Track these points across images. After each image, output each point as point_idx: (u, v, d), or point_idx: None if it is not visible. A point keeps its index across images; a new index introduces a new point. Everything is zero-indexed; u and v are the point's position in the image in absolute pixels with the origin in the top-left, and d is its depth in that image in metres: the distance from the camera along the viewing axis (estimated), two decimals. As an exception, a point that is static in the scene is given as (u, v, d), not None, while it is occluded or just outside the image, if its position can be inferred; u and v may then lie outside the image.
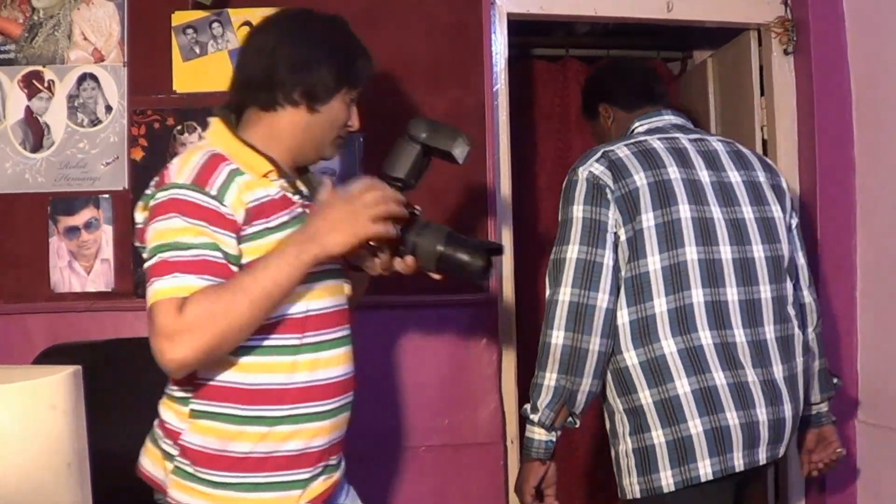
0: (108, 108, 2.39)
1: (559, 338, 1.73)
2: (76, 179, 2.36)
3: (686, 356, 1.71)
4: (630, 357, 1.74)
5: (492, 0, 2.54)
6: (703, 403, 1.70)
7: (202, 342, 1.32)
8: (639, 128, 1.94)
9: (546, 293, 1.80)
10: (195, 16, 2.41)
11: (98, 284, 2.36)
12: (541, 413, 1.75)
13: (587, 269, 1.73)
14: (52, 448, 0.97)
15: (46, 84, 2.38)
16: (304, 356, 1.47)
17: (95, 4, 2.40)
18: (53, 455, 0.97)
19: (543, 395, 1.75)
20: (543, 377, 1.75)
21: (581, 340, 1.72)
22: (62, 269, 2.35)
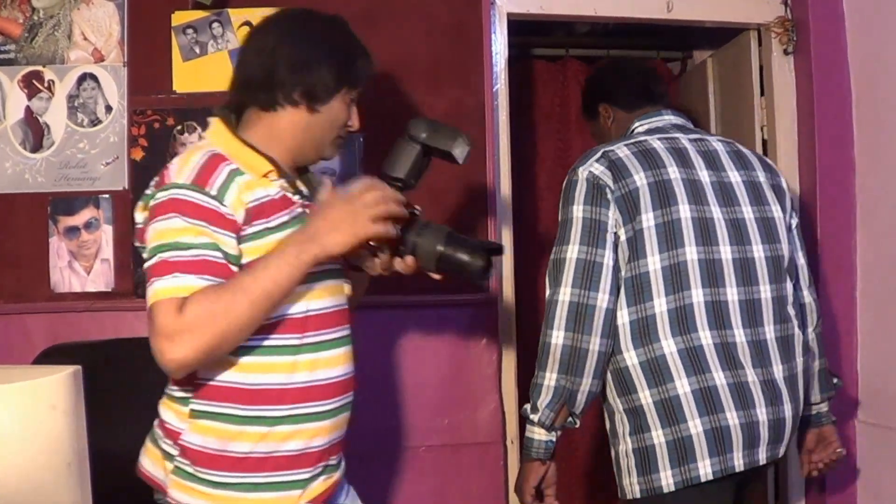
0: (108, 108, 2.38)
1: (559, 338, 1.73)
2: (76, 179, 2.36)
3: (686, 356, 1.71)
4: (630, 357, 1.74)
5: (491, 0, 2.54)
6: (703, 403, 1.70)
7: (202, 342, 1.32)
8: (639, 128, 1.94)
9: (546, 293, 1.80)
10: (195, 16, 2.41)
11: (98, 284, 2.36)
12: (541, 413, 1.75)
13: (587, 269, 1.73)
14: (52, 448, 0.97)
15: (46, 84, 2.38)
16: (305, 356, 1.47)
17: (95, 4, 2.39)
18: (53, 455, 0.97)
19: (543, 395, 1.75)
20: (543, 377, 1.75)
21: (581, 340, 1.72)
22: (62, 269, 2.35)
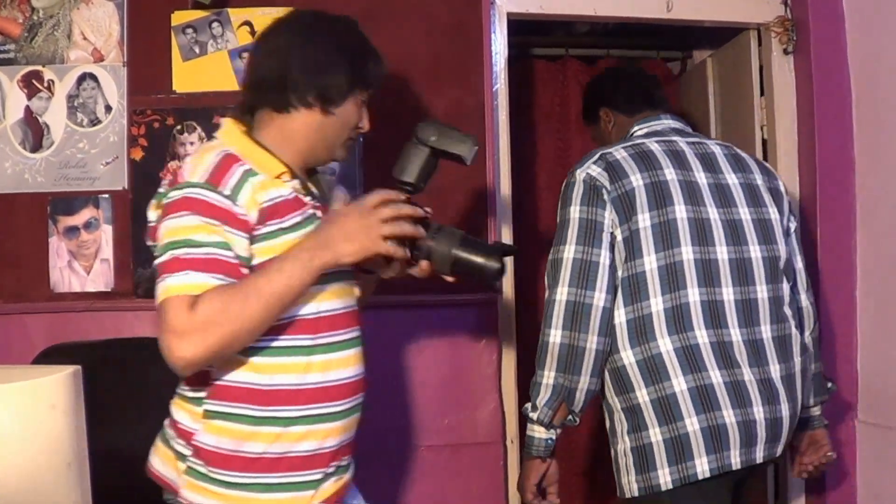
0: (108, 108, 2.38)
1: (557, 336, 1.75)
2: (76, 179, 2.36)
3: (682, 355, 1.72)
4: (627, 356, 1.75)
5: (491, 0, 2.54)
6: (700, 401, 1.71)
7: (212, 341, 1.32)
8: (638, 131, 1.96)
9: (545, 293, 1.81)
10: (195, 15, 2.41)
11: (98, 284, 2.36)
12: (539, 411, 1.77)
13: (583, 269, 1.75)
14: (52, 448, 0.97)
15: (46, 84, 2.38)
16: (318, 357, 1.47)
17: (95, 4, 2.39)
18: (53, 455, 0.97)
19: (542, 394, 1.77)
20: (542, 376, 1.77)
21: (578, 339, 1.74)
22: (62, 269, 2.35)
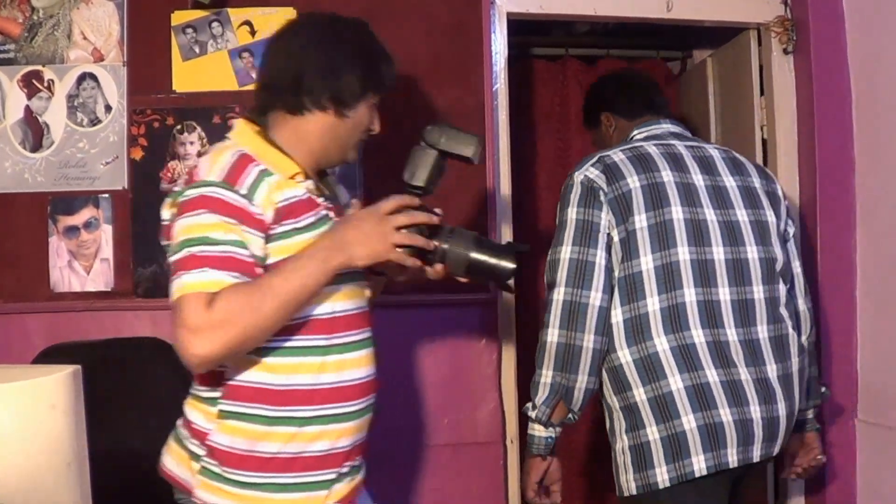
0: (108, 108, 2.38)
1: (554, 336, 1.78)
2: (76, 179, 2.36)
3: (678, 353, 1.74)
4: (624, 355, 1.77)
5: (491, 0, 2.54)
6: (696, 399, 1.72)
7: (228, 338, 1.32)
8: (637, 135, 1.98)
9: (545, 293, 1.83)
10: (194, 15, 2.41)
11: (98, 284, 2.36)
12: (537, 409, 1.79)
13: (580, 269, 1.77)
14: (52, 448, 0.97)
15: (46, 84, 2.38)
16: (332, 357, 1.48)
17: (95, 4, 2.39)
18: (53, 455, 0.97)
19: (540, 392, 1.80)
20: (540, 375, 1.80)
21: (575, 338, 1.76)
22: (62, 269, 2.35)
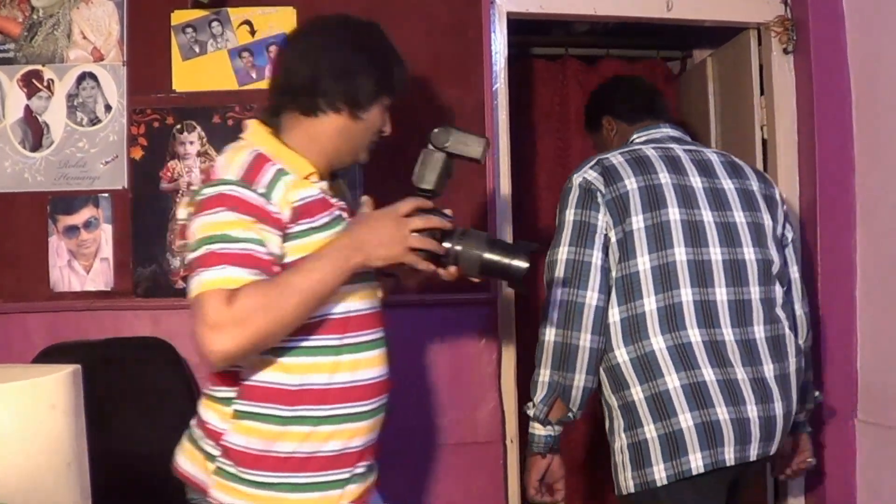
0: (108, 108, 2.38)
1: (551, 335, 1.81)
2: (75, 178, 2.36)
3: (675, 352, 1.75)
4: (621, 354, 1.79)
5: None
6: (693, 398, 1.74)
7: (248, 335, 1.33)
8: (637, 139, 2.01)
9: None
10: (194, 15, 2.40)
11: (97, 283, 2.35)
12: (535, 408, 1.83)
13: (576, 269, 1.80)
14: (52, 448, 0.97)
15: (46, 83, 2.38)
16: (346, 357, 1.49)
17: (95, 3, 2.39)
18: (53, 455, 0.97)
19: (539, 391, 1.82)
20: (539, 374, 1.83)
21: (571, 337, 1.78)
22: (61, 269, 2.35)
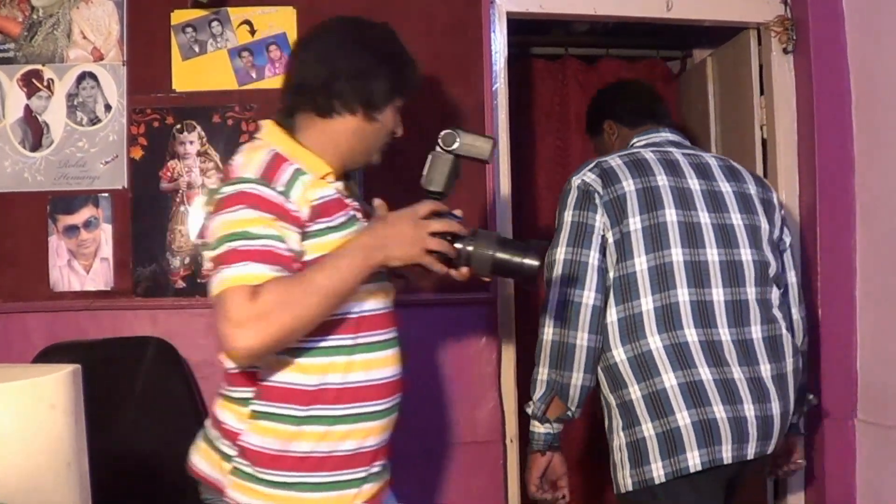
0: (108, 107, 2.38)
1: (549, 334, 1.83)
2: (75, 178, 2.36)
3: (672, 352, 1.77)
4: (619, 353, 1.81)
5: (491, -1, 2.53)
6: (690, 396, 1.75)
7: (272, 331, 1.33)
8: (637, 143, 2.02)
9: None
10: (194, 14, 2.40)
11: (97, 283, 2.35)
12: (534, 406, 1.85)
13: (573, 269, 1.82)
14: (52, 448, 0.97)
15: (46, 83, 2.38)
16: (359, 356, 1.49)
17: (95, 3, 2.39)
18: (53, 455, 0.97)
19: (537, 389, 1.85)
20: (537, 372, 1.85)
21: (568, 336, 1.80)
22: (61, 268, 2.35)
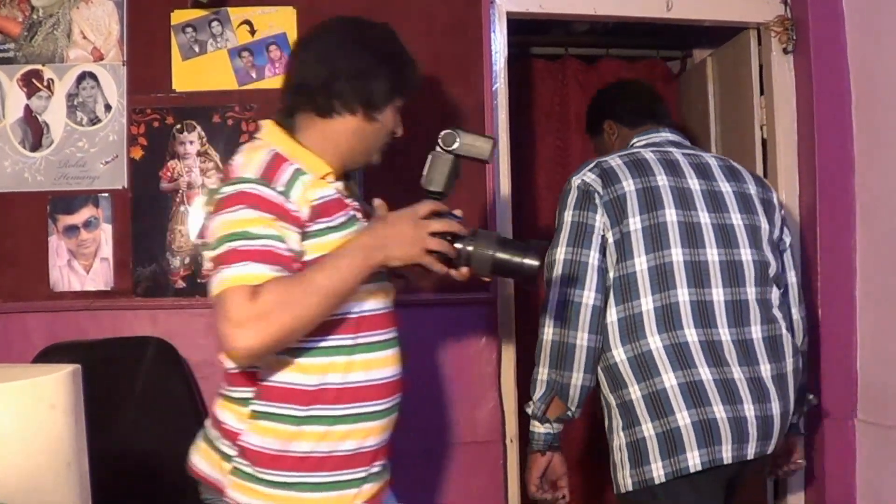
0: (108, 107, 2.38)
1: (549, 334, 1.83)
2: (75, 178, 2.36)
3: (672, 352, 1.77)
4: (619, 353, 1.81)
5: (491, -1, 2.53)
6: (690, 396, 1.75)
7: (272, 331, 1.33)
8: (637, 143, 2.02)
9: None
10: (194, 14, 2.40)
11: (97, 283, 2.35)
12: (533, 406, 1.85)
13: (573, 269, 1.82)
14: (52, 448, 0.97)
15: (46, 83, 2.38)
16: (359, 356, 1.49)
17: (95, 3, 2.39)
18: (53, 455, 0.97)
19: (537, 389, 1.85)
20: (537, 372, 1.85)
21: (567, 336, 1.80)
22: (61, 268, 2.35)
